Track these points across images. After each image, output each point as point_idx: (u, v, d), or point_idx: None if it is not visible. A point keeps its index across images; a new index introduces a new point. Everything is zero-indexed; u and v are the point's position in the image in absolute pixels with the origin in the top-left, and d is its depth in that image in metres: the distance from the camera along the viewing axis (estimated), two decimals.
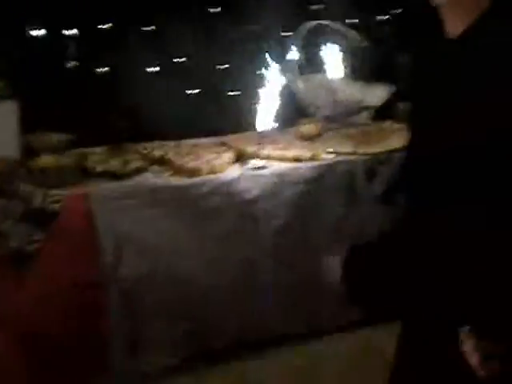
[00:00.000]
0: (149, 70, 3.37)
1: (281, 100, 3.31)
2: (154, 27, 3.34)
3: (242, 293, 2.97)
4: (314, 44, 3.61)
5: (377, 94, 3.77)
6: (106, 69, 3.30)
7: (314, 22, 3.56)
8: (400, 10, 4.01)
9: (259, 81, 3.31)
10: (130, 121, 3.32)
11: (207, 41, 3.41)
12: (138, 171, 2.92)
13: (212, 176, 2.92)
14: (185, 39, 3.38)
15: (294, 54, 3.51)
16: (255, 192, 2.96)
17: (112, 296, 2.71)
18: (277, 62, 3.28)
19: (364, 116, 3.74)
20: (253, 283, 2.98)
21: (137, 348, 2.81)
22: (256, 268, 3.00)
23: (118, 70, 3.33)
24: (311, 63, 3.65)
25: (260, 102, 3.20)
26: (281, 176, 3.03)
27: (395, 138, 3.36)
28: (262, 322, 3.02)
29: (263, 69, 3.41)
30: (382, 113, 3.87)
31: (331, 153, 3.22)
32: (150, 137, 3.27)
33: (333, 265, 1.52)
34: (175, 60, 3.41)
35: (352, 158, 3.20)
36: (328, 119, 3.64)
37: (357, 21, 3.82)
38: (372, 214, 3.16)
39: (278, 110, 3.30)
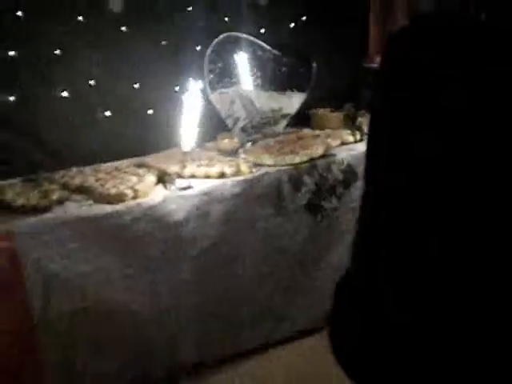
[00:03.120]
0: (57, 95, 3.23)
1: (199, 116, 3.26)
2: (58, 51, 3.20)
3: (177, 318, 2.90)
4: (227, 56, 3.58)
5: (292, 102, 3.78)
6: (12, 97, 3.12)
7: (226, 34, 3.53)
8: (305, 18, 4.04)
9: (176, 98, 3.25)
10: (43, 149, 3.18)
11: (117, 61, 3.31)
12: (59, 202, 2.79)
13: (136, 201, 2.83)
14: (93, 60, 3.27)
15: (208, 68, 3.46)
16: (182, 214, 2.89)
17: (43, 335, 2.58)
18: (193, 78, 3.22)
19: (282, 125, 3.74)
20: (187, 307, 2.93)
21: None
22: (188, 291, 2.94)
23: (24, 96, 3.17)
24: (226, 75, 3.61)
25: (178, 119, 3.14)
26: (207, 194, 2.98)
27: (315, 145, 3.38)
28: (202, 345, 2.97)
29: (179, 85, 3.35)
30: (298, 121, 3.89)
31: (254, 166, 3.20)
32: (67, 164, 3.14)
33: None
34: (84, 83, 3.28)
35: (275, 169, 3.19)
36: (247, 131, 3.62)
37: (267, 30, 3.80)
38: (302, 224, 3.18)
39: (197, 126, 3.24)
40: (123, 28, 3.38)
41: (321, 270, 3.26)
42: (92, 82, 3.34)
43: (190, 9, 3.56)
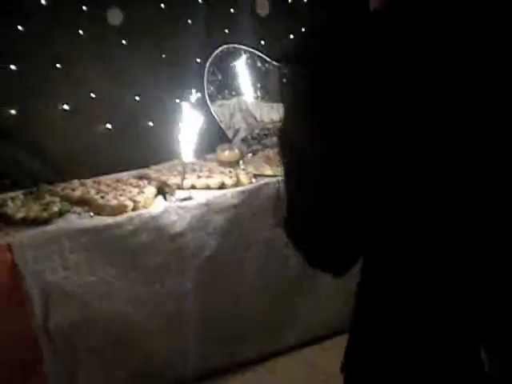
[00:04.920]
0: (59, 107, 3.26)
1: (200, 127, 3.27)
2: (59, 65, 3.23)
3: (180, 329, 2.91)
4: (226, 68, 3.60)
5: None
6: (13, 110, 3.15)
7: (225, 46, 3.55)
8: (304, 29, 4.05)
9: (176, 110, 3.26)
10: (44, 162, 3.20)
11: (118, 73, 3.34)
12: (60, 214, 2.81)
13: (137, 212, 2.85)
14: (94, 73, 3.30)
15: (208, 80, 3.49)
16: (182, 224, 2.91)
17: (44, 347, 2.59)
18: (193, 90, 3.25)
19: None
20: (188, 317, 2.93)
21: None
22: (190, 301, 2.94)
23: (25, 109, 3.20)
24: (226, 87, 3.63)
25: (178, 130, 3.16)
26: (207, 205, 2.99)
27: None
28: (205, 356, 2.97)
29: (179, 97, 3.37)
30: None
31: (254, 176, 3.22)
32: (68, 176, 3.16)
33: None
34: (86, 96, 3.31)
35: (275, 180, 3.20)
36: (247, 142, 3.63)
37: (266, 41, 3.82)
38: None
39: (197, 138, 3.26)
40: (123, 41, 3.41)
41: (321, 281, 3.25)
42: (93, 95, 3.36)
43: (190, 21, 3.59)
